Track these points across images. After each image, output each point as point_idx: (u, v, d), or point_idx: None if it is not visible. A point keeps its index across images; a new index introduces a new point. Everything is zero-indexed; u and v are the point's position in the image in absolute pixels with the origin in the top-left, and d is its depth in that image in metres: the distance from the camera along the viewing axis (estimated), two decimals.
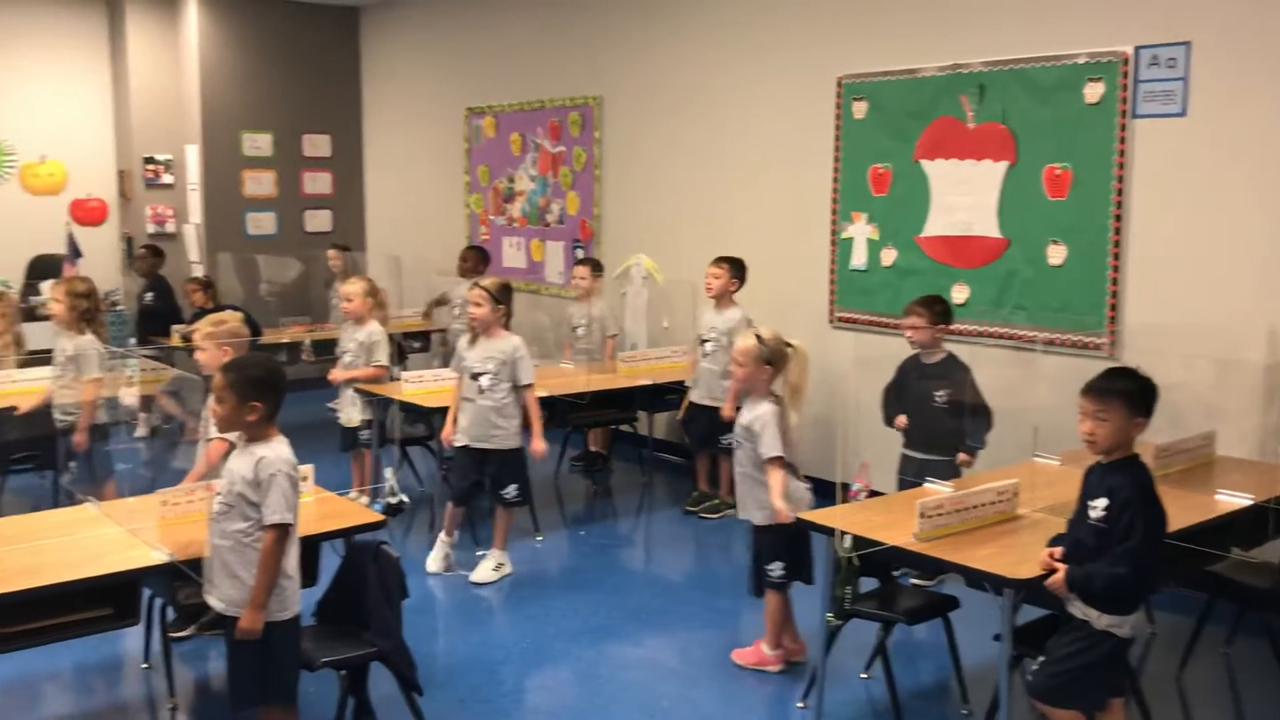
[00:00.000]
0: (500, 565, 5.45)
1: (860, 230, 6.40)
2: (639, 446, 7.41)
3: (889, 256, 6.27)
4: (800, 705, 4.14)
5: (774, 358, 4.25)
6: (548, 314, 8.24)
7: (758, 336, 4.29)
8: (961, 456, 5.09)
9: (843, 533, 3.66)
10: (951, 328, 5.33)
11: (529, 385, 5.31)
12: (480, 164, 9.16)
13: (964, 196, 5.88)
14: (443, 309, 8.60)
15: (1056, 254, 5.52)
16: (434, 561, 5.49)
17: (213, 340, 4.56)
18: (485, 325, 5.28)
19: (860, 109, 6.35)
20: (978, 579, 3.47)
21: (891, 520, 3.79)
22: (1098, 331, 5.38)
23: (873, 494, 4.26)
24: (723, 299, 6.28)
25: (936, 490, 4.10)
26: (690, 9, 7.33)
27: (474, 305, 5.29)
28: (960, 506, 3.74)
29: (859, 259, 6.42)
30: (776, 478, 4.17)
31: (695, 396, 6.38)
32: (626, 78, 7.80)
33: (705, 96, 7.27)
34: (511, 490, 5.39)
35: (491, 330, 5.29)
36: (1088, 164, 5.37)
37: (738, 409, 4.51)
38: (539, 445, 5.34)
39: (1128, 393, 3.23)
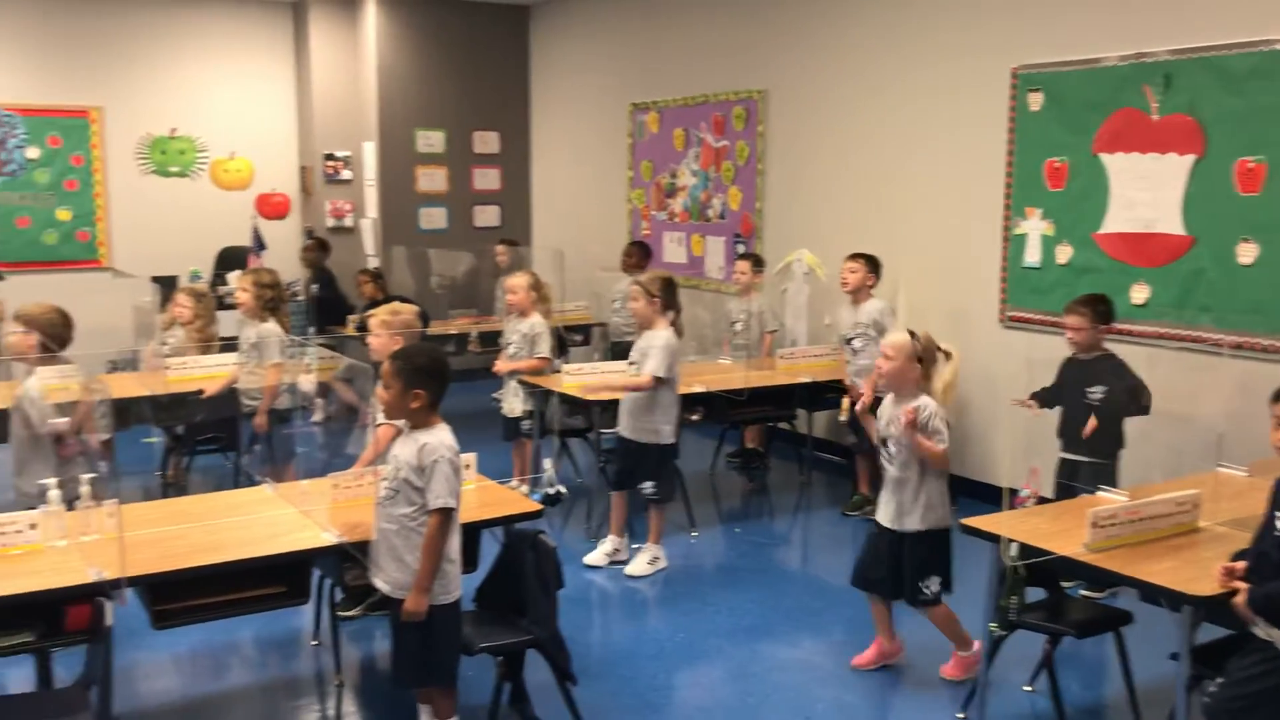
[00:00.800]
0: (655, 559, 5.47)
1: (1034, 226, 6.17)
2: (797, 445, 7.32)
3: (1064, 254, 6.02)
4: (960, 716, 4.01)
5: (925, 355, 4.14)
6: (708, 309, 8.23)
7: (911, 333, 4.18)
8: None
9: (1009, 540, 3.52)
10: (1128, 329, 5.08)
11: (652, 377, 5.27)
12: (643, 159, 9.22)
13: (1146, 192, 5.60)
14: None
15: (1247, 252, 5.19)
16: (595, 555, 5.55)
17: (386, 329, 4.70)
18: (643, 319, 5.35)
19: (1036, 100, 6.11)
20: (1153, 594, 3.30)
21: (1061, 529, 3.64)
22: None
23: (1041, 501, 4.10)
24: (860, 293, 6.20)
25: (1110, 499, 3.92)
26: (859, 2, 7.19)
27: (632, 300, 5.39)
28: (1136, 517, 3.56)
29: (1032, 256, 6.19)
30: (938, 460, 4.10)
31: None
32: (792, 71, 7.71)
33: (873, 89, 7.12)
34: (648, 486, 5.42)
35: (651, 323, 5.34)
36: None
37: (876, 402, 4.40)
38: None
39: None
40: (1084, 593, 4.85)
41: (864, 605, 5.05)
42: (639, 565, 5.44)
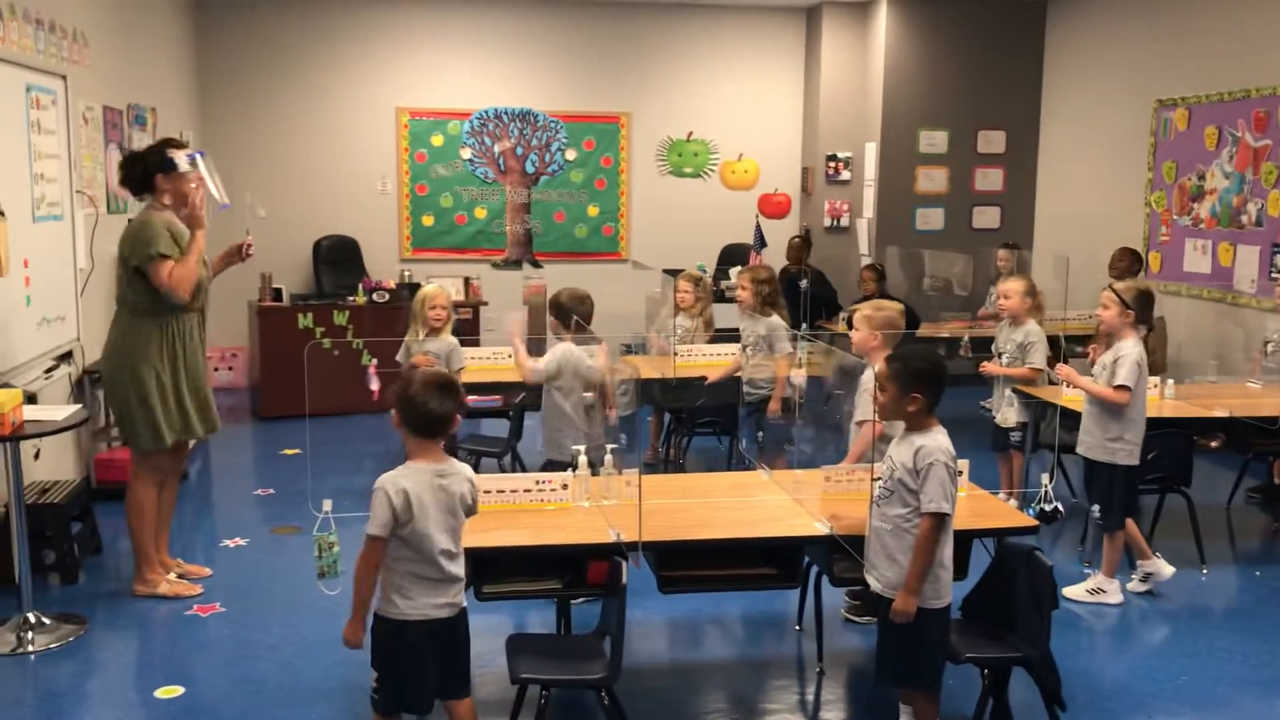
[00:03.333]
0: (1097, 590, 5.09)
1: None
2: None
3: None
4: None
5: None
6: (1238, 325, 7.45)
7: None
8: None
9: None
10: None
11: (1119, 388, 4.87)
12: (1166, 159, 8.50)
13: None
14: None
15: None
16: (1134, 583, 5.26)
17: (868, 324, 4.72)
18: (1111, 328, 5.01)
19: None
20: None
21: None
22: None
23: None
24: None
25: None
26: None
27: (1102, 308, 5.04)
28: None
29: None
30: None
31: None
32: None
33: None
34: (1094, 511, 5.03)
35: (1121, 334, 4.96)
36: None
37: None
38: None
39: None
40: None
41: None
42: (1078, 590, 5.12)
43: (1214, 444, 5.93)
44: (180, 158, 4.78)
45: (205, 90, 9.75)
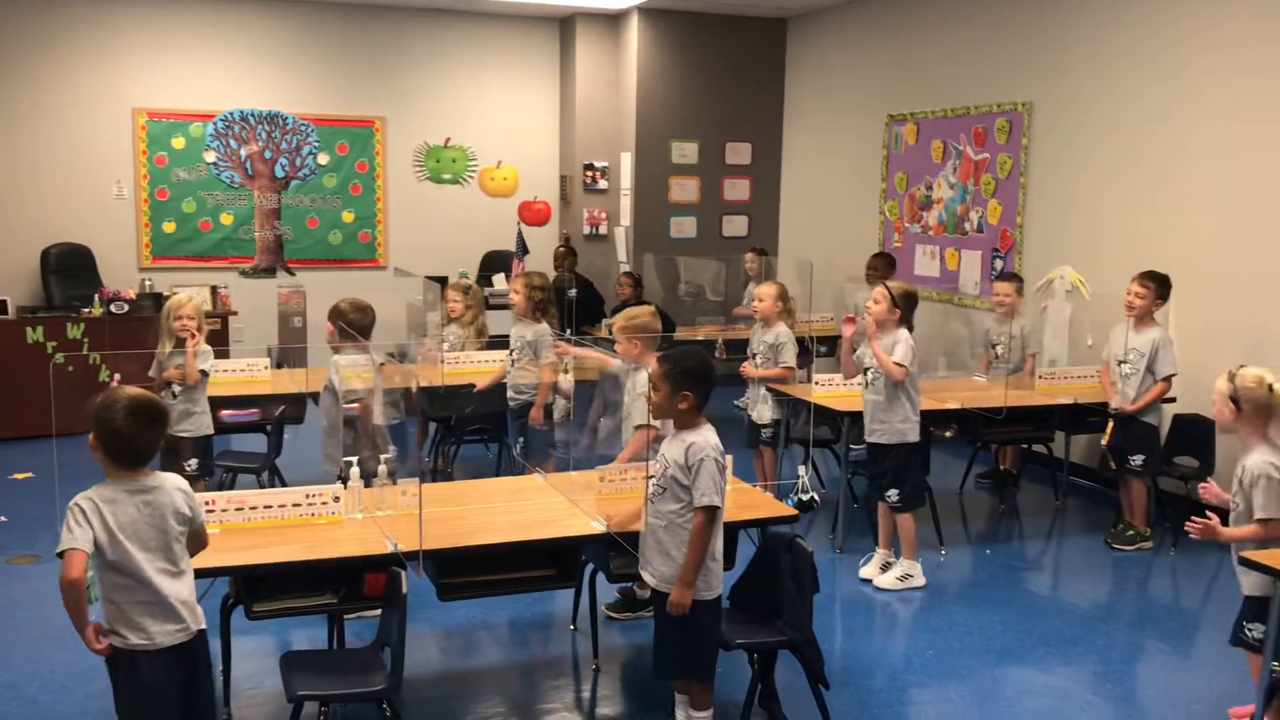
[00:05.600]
0: (907, 576, 5.44)
1: None
2: (1052, 469, 7.09)
3: None
4: None
5: (1252, 400, 3.77)
6: (963, 324, 8.08)
7: (1230, 375, 3.87)
8: None
9: None
10: None
11: (896, 364, 5.27)
12: (898, 171, 9.13)
13: None
14: None
15: None
16: (869, 568, 5.57)
17: (625, 334, 4.86)
18: (878, 321, 5.35)
19: None
20: None
21: None
22: None
23: None
24: (1143, 319, 5.93)
25: None
26: (1133, 8, 6.90)
27: (872, 303, 5.38)
28: None
29: None
30: (1254, 537, 3.77)
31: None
32: (1060, 83, 7.47)
33: (1147, 100, 6.82)
34: (892, 495, 5.40)
35: (886, 329, 5.34)
36: None
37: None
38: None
39: None
40: None
41: (1124, 636, 4.90)
42: (887, 579, 5.43)
43: (948, 434, 6.41)
44: None
45: None
